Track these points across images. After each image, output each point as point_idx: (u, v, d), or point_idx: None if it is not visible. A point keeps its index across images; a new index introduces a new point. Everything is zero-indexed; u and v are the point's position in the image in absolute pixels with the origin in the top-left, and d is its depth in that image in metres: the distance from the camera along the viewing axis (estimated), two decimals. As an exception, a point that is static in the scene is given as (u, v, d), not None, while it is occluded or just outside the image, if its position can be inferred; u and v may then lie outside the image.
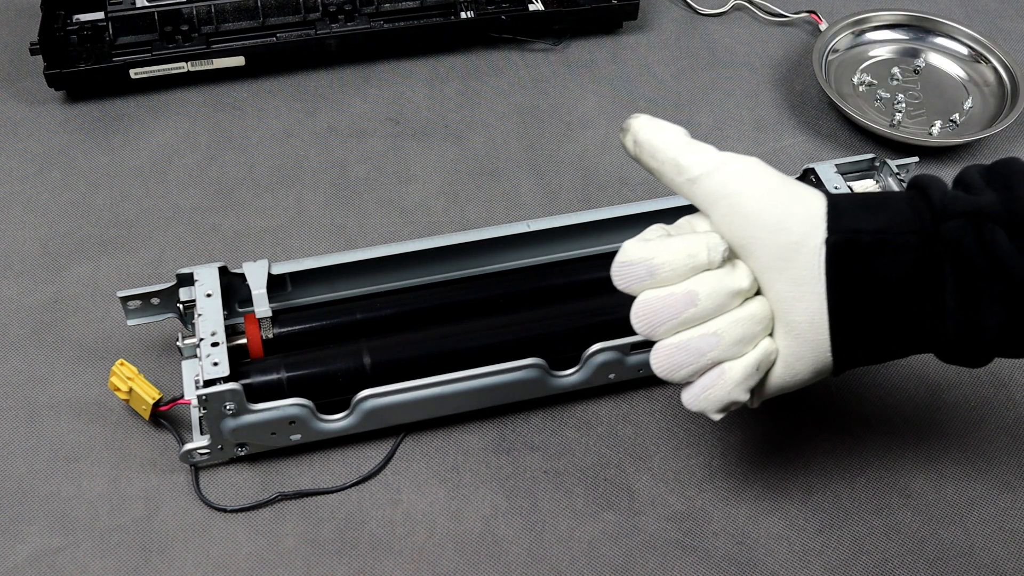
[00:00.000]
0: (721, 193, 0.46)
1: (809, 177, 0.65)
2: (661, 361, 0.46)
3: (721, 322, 0.45)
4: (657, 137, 0.48)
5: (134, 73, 0.78)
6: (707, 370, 0.46)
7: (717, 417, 0.47)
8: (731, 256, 0.47)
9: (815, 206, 0.46)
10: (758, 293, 0.47)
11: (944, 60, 0.84)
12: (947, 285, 0.44)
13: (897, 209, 0.45)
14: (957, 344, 0.45)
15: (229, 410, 0.53)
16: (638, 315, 0.46)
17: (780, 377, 0.47)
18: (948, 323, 0.45)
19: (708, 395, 0.46)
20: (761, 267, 0.46)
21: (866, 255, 0.45)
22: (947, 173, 0.75)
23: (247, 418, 0.54)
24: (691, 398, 0.47)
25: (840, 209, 0.45)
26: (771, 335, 0.47)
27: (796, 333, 0.46)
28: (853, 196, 0.47)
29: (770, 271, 0.46)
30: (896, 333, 0.46)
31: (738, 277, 0.46)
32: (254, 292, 0.58)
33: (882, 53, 0.85)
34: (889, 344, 0.47)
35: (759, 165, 0.47)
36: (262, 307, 0.58)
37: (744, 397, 0.47)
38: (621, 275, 0.46)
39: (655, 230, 0.48)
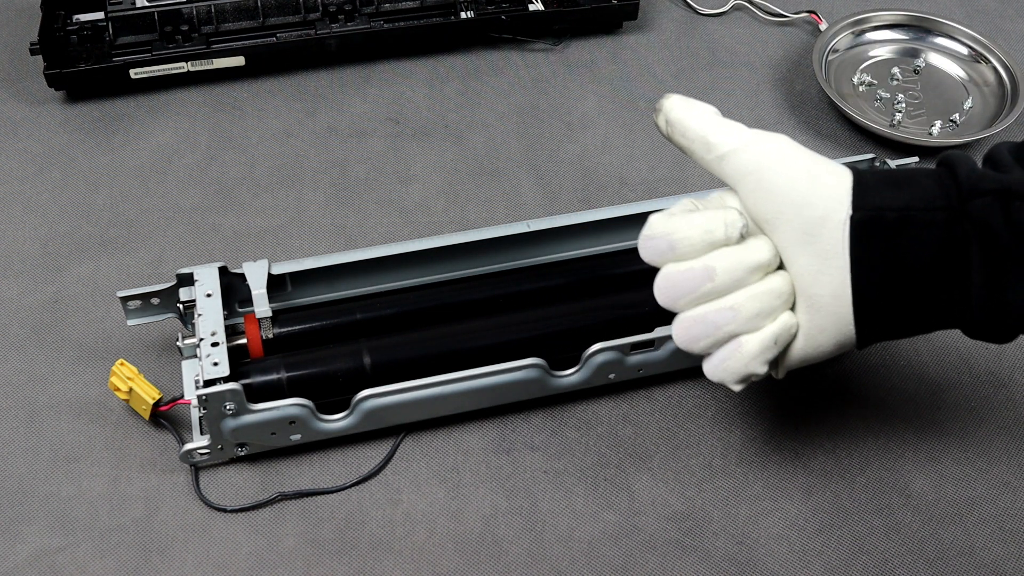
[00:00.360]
0: (748, 169, 0.47)
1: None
2: (681, 333, 0.47)
3: (739, 296, 0.46)
4: (687, 116, 0.49)
5: (134, 73, 0.78)
6: (725, 342, 0.47)
7: (737, 388, 0.48)
8: (755, 231, 0.48)
9: (841, 182, 0.46)
10: (781, 268, 0.47)
11: (944, 60, 0.84)
12: (973, 263, 0.44)
13: (924, 186, 0.46)
14: (982, 321, 0.46)
15: (229, 410, 0.53)
16: (660, 287, 0.47)
17: (802, 350, 0.48)
18: (974, 301, 0.45)
19: (726, 366, 0.47)
20: (785, 242, 0.46)
21: (891, 232, 0.45)
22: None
23: (247, 418, 0.54)
24: (711, 369, 0.48)
25: (866, 186, 0.46)
26: (793, 309, 0.47)
27: (819, 307, 0.46)
28: (880, 172, 0.47)
29: (794, 245, 0.46)
30: (920, 309, 0.46)
31: (758, 252, 0.46)
32: (254, 292, 0.58)
33: (882, 53, 0.85)
34: (913, 319, 0.47)
35: (787, 142, 0.48)
36: (262, 307, 0.58)
37: (761, 370, 0.47)
38: (645, 248, 0.47)
39: (683, 204, 0.49)
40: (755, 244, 0.47)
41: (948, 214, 0.45)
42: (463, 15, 0.83)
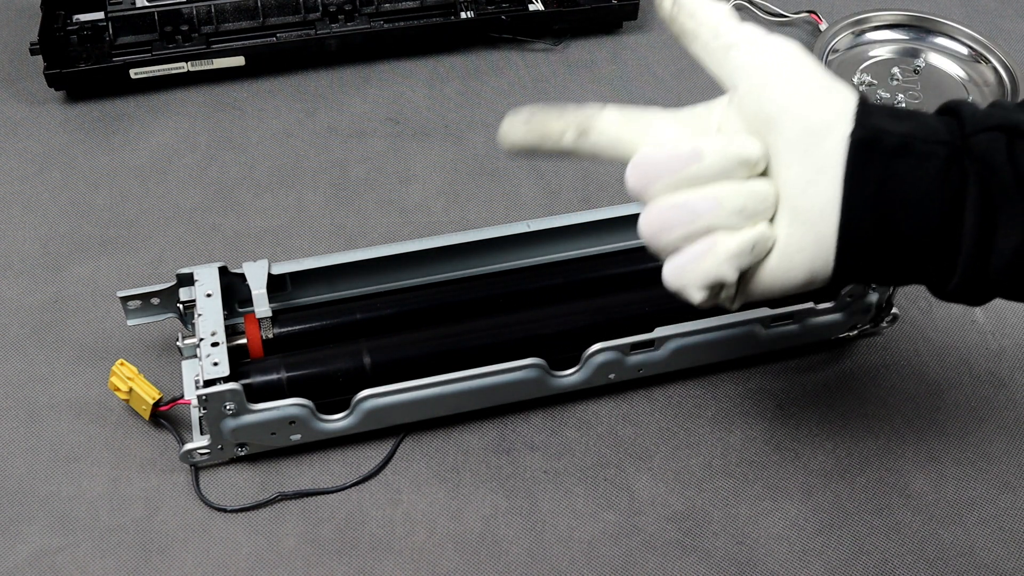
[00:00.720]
0: (757, 63, 0.44)
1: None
2: (652, 219, 0.43)
3: (723, 188, 0.43)
4: None
5: (134, 73, 0.78)
6: (698, 238, 0.43)
7: (699, 296, 0.44)
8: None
9: (848, 99, 0.44)
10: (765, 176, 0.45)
11: (944, 60, 0.84)
12: (968, 200, 0.42)
13: (927, 121, 0.44)
14: (966, 267, 0.43)
15: (229, 410, 0.53)
16: (636, 165, 0.43)
17: (774, 270, 0.44)
18: (963, 241, 0.43)
19: (695, 266, 0.43)
20: (781, 145, 0.43)
21: (889, 156, 0.43)
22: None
23: (247, 418, 0.54)
24: (675, 268, 0.43)
25: (871, 109, 0.44)
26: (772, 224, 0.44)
27: (802, 220, 0.43)
28: (885, 105, 0.45)
29: (789, 151, 0.43)
30: (906, 245, 0.44)
31: (748, 145, 0.43)
32: (254, 292, 0.58)
33: (882, 53, 0.85)
34: (896, 257, 0.44)
35: (800, 48, 0.45)
36: (262, 307, 0.58)
37: (732, 275, 0.43)
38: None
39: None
40: (746, 138, 0.44)
41: (950, 149, 0.43)
42: (463, 15, 0.83)
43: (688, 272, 0.43)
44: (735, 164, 0.43)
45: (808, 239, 0.43)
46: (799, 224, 0.43)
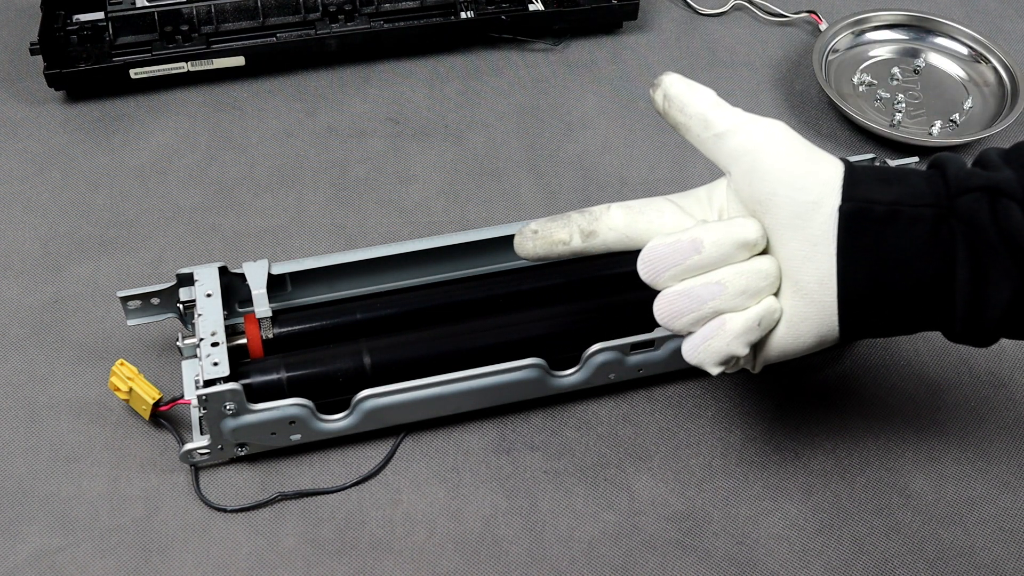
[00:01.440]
0: (746, 149, 0.47)
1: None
2: (663, 308, 0.47)
3: (726, 272, 0.46)
4: (688, 93, 0.49)
5: (134, 73, 0.78)
6: (708, 320, 0.46)
7: (716, 371, 0.48)
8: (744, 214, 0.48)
9: (836, 171, 0.46)
10: (767, 254, 0.47)
11: (944, 60, 0.84)
12: (958, 259, 0.44)
13: (913, 183, 0.46)
14: (964, 319, 0.45)
15: (229, 410, 0.53)
16: (644, 261, 0.47)
17: (783, 338, 0.47)
18: (957, 297, 0.45)
19: (708, 345, 0.47)
20: (776, 224, 0.46)
21: (878, 225, 0.45)
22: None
23: (247, 418, 0.54)
24: (691, 349, 0.47)
25: (857, 178, 0.46)
26: (777, 296, 0.47)
27: (804, 293, 0.46)
28: (871, 168, 0.47)
29: (785, 228, 0.46)
30: (905, 304, 0.46)
31: (746, 229, 0.46)
32: (254, 292, 0.58)
33: (882, 53, 0.85)
34: (897, 315, 0.47)
35: (784, 127, 0.48)
36: (262, 307, 0.58)
37: (743, 351, 0.47)
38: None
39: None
40: (743, 221, 0.47)
41: (936, 210, 0.45)
42: (463, 15, 0.83)
43: (702, 352, 0.47)
44: (734, 248, 0.46)
45: (811, 309, 0.46)
46: (801, 296, 0.46)
